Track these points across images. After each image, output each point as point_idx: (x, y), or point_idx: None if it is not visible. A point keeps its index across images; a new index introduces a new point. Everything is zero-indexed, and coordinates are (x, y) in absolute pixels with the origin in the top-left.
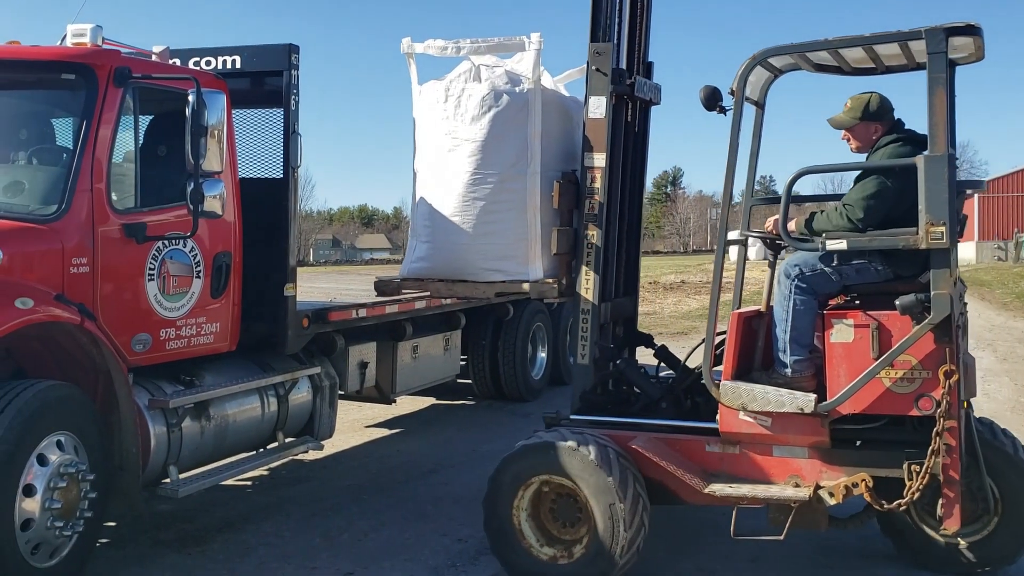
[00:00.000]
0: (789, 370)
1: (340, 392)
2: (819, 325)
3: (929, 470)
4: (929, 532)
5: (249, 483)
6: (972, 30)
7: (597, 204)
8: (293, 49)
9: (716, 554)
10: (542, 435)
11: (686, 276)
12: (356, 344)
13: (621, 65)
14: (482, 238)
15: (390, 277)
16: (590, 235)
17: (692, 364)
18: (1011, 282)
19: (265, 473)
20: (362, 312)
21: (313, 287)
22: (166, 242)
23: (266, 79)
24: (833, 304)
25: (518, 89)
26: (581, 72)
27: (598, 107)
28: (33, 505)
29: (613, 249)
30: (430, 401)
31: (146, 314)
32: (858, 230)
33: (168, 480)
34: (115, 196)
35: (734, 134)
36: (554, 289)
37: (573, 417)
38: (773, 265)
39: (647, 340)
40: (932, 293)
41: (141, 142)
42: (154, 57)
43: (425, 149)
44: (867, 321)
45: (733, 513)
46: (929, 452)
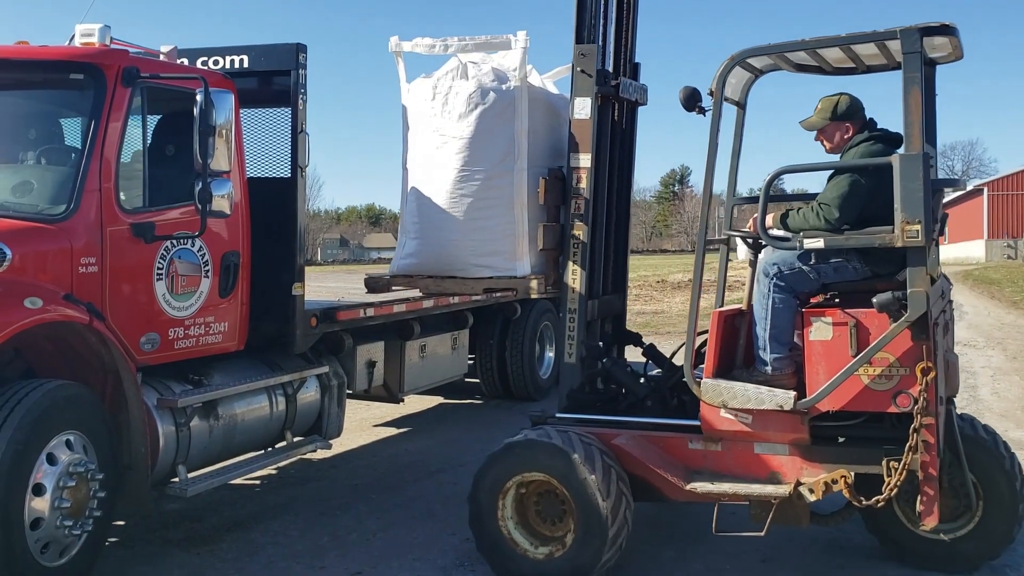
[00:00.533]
0: (769, 368)
1: (348, 391)
2: (799, 323)
3: (907, 466)
4: (913, 528)
5: (257, 482)
6: (947, 30)
7: (583, 203)
8: (301, 48)
9: (726, 554)
10: (527, 433)
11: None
12: (364, 343)
13: (607, 66)
14: (470, 234)
15: (380, 274)
16: (576, 233)
17: (679, 362)
18: (1021, 280)
19: (273, 472)
20: (370, 311)
21: (321, 286)
22: (174, 241)
23: (274, 78)
24: (814, 302)
25: (505, 86)
26: (569, 70)
27: (583, 108)
28: (43, 504)
29: (600, 247)
30: (438, 400)
31: (155, 313)
32: (833, 229)
33: (177, 479)
34: (123, 196)
35: (713, 134)
36: (541, 284)
37: (558, 415)
38: (754, 264)
39: (636, 338)
40: (908, 291)
41: (149, 142)
42: (162, 57)
43: (414, 146)
44: (845, 319)
45: (715, 509)
46: (907, 449)
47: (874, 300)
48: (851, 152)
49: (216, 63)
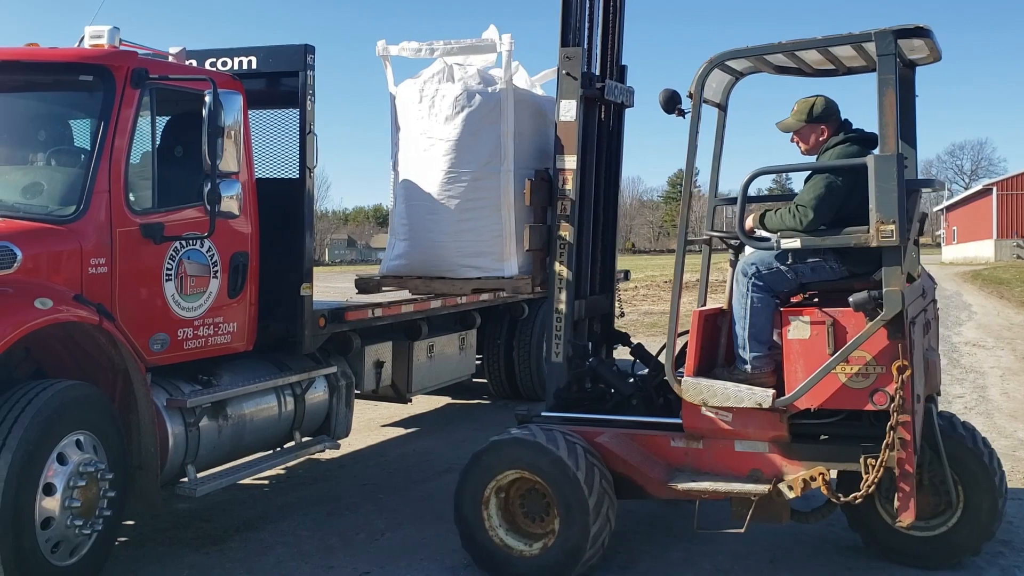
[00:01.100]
0: (749, 366)
1: (356, 391)
2: (778, 322)
3: (884, 463)
4: (894, 525)
5: (266, 482)
6: (921, 32)
7: (569, 204)
8: (309, 50)
9: (734, 555)
10: (513, 431)
11: (716, 274)
12: (372, 344)
13: (594, 69)
14: (458, 235)
15: (370, 275)
16: (563, 233)
17: (664, 361)
18: None
19: (282, 472)
20: (378, 312)
21: (329, 287)
22: (183, 242)
23: (282, 79)
24: (795, 302)
25: (490, 89)
26: (556, 72)
27: (568, 110)
28: (53, 504)
29: (587, 247)
30: (446, 400)
31: (164, 314)
32: (809, 229)
33: (186, 479)
34: (133, 197)
35: (692, 136)
36: (528, 285)
37: (544, 414)
38: (735, 264)
39: (624, 338)
40: (884, 290)
41: (158, 143)
42: (171, 58)
43: (402, 148)
44: (823, 318)
45: (696, 507)
46: (884, 446)
47: (850, 299)
48: (827, 153)
49: (224, 64)
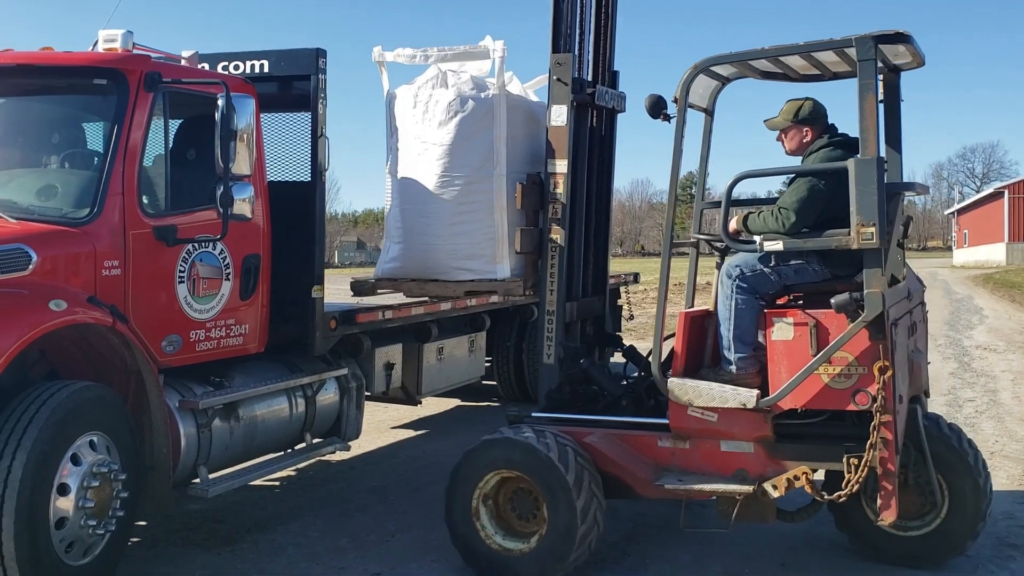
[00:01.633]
0: (734, 367)
1: (367, 393)
2: (762, 323)
3: (867, 463)
4: (881, 525)
5: (277, 484)
6: (901, 37)
7: (560, 207)
8: (320, 53)
9: (744, 557)
10: (504, 431)
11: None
12: (383, 346)
13: (586, 75)
14: (451, 239)
15: (365, 278)
16: (554, 236)
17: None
18: None
19: (293, 474)
20: (389, 314)
21: (339, 289)
22: (196, 245)
23: (294, 83)
24: (780, 303)
25: (483, 95)
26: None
27: (559, 115)
28: (67, 504)
29: (579, 250)
30: (455, 402)
31: (176, 316)
32: (792, 232)
33: (198, 480)
34: (146, 199)
35: (677, 141)
36: (520, 287)
37: (535, 415)
38: (720, 266)
39: (616, 340)
40: (865, 292)
41: (171, 146)
42: (183, 62)
43: (396, 153)
44: (805, 319)
45: (683, 506)
46: (867, 446)
47: (832, 301)
48: (811, 157)
49: (236, 68)
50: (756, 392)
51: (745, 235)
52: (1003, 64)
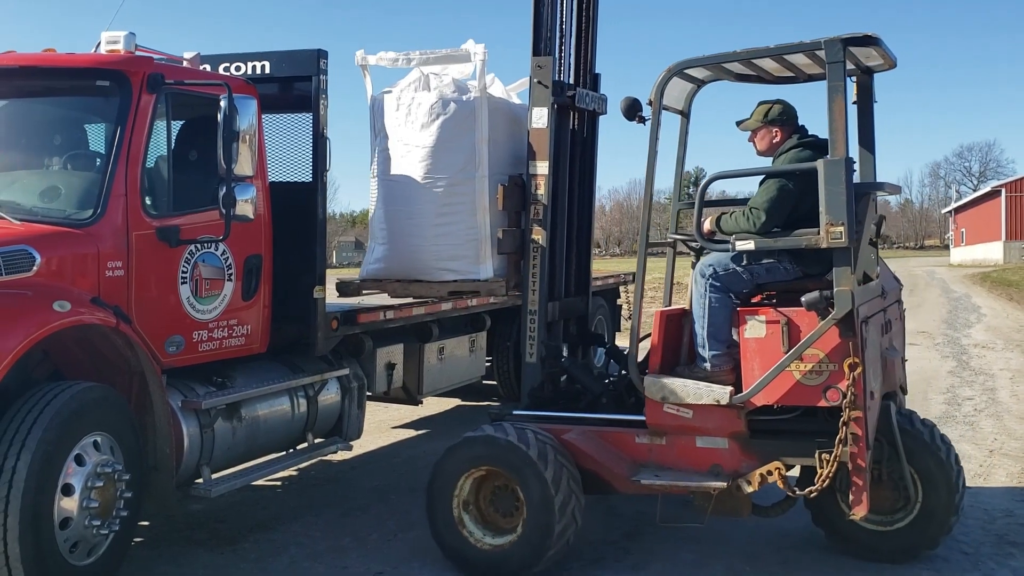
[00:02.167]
0: (709, 364)
1: (368, 393)
2: (736, 321)
3: (836, 458)
4: (859, 521)
5: (279, 483)
6: (870, 40)
7: (541, 208)
8: (321, 54)
9: (745, 556)
10: (485, 428)
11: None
12: (384, 346)
13: (567, 78)
14: (434, 239)
15: (351, 279)
16: (535, 237)
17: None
18: None
19: (294, 474)
20: (390, 314)
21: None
22: (198, 245)
23: (295, 84)
24: (755, 302)
25: (465, 97)
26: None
27: (540, 118)
28: (71, 504)
29: (561, 251)
30: (456, 402)
31: (179, 316)
32: (763, 232)
33: (201, 480)
34: (149, 200)
35: (652, 142)
36: (503, 287)
37: (516, 412)
38: (696, 266)
39: (599, 339)
40: (835, 290)
41: (174, 147)
42: (185, 63)
43: (380, 155)
44: (777, 317)
45: (659, 501)
46: (837, 441)
47: (803, 299)
48: (781, 158)
49: (238, 69)
50: (730, 389)
51: (720, 235)
52: (1000, 63)
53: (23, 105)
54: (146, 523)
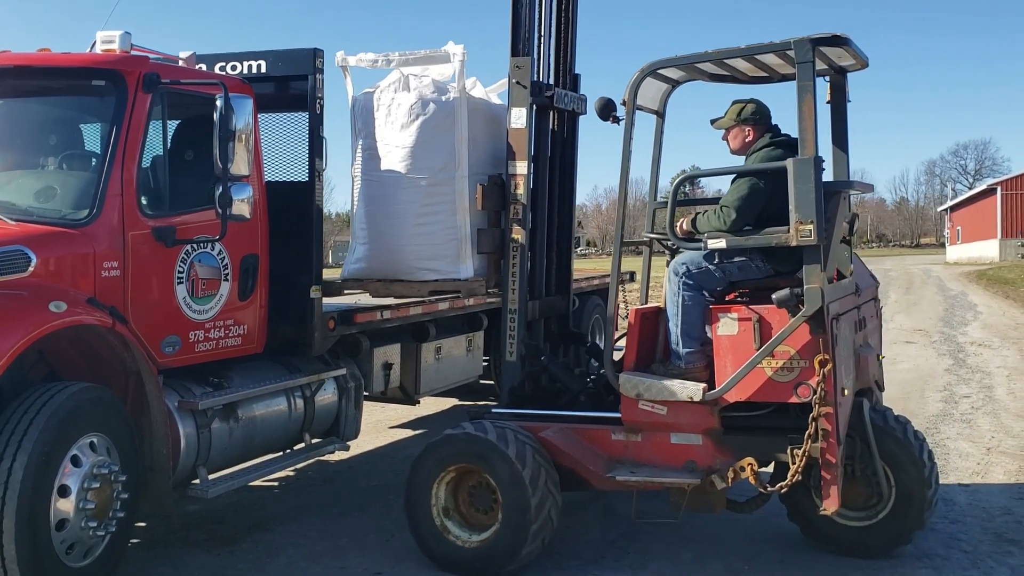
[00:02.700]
0: (683, 362)
1: (365, 393)
2: (709, 319)
3: (806, 453)
4: (833, 517)
5: (276, 484)
6: (839, 40)
7: (520, 208)
8: (318, 53)
9: (743, 555)
10: (465, 426)
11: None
12: (381, 345)
13: (547, 78)
14: (415, 239)
15: (332, 278)
16: (515, 236)
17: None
18: None
19: (291, 474)
20: (387, 314)
21: None
22: (195, 245)
23: (291, 83)
24: (729, 299)
25: (444, 98)
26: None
27: (519, 118)
28: (68, 505)
29: (542, 250)
30: (452, 402)
31: (175, 317)
32: (734, 230)
33: (198, 481)
34: (145, 200)
35: (626, 142)
36: (483, 287)
37: (494, 411)
38: (670, 264)
39: (580, 337)
40: (805, 287)
41: (169, 147)
42: (181, 62)
43: (361, 156)
44: (749, 315)
45: (634, 497)
46: (806, 436)
47: (773, 296)
48: (753, 157)
49: (234, 68)
50: (703, 385)
51: (697, 235)
52: (996, 62)
53: (18, 105)
54: (143, 524)
